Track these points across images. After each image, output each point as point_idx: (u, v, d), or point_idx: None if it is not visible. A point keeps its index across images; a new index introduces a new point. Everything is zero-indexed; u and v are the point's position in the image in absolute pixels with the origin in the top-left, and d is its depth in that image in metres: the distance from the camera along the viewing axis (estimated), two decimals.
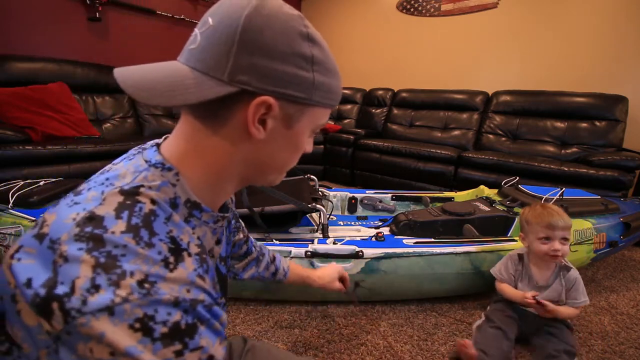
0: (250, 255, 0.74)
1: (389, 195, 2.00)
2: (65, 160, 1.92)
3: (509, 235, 1.54)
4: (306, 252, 1.20)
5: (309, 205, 1.36)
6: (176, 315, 0.29)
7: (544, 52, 2.84)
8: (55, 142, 1.90)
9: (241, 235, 0.71)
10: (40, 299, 0.28)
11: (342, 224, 1.81)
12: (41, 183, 1.54)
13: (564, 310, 1.09)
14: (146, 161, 0.39)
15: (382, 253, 1.22)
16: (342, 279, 0.93)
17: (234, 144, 0.38)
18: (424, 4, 3.43)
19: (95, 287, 0.28)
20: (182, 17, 3.17)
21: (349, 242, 1.26)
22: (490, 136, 2.83)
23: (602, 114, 2.44)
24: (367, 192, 2.01)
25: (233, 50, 0.34)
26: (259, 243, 0.78)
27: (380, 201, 1.98)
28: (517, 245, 1.31)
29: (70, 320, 0.27)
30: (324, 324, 1.21)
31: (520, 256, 1.18)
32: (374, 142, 2.92)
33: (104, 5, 2.64)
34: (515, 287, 1.16)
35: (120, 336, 0.27)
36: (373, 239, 1.33)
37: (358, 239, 1.33)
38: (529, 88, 2.83)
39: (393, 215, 1.73)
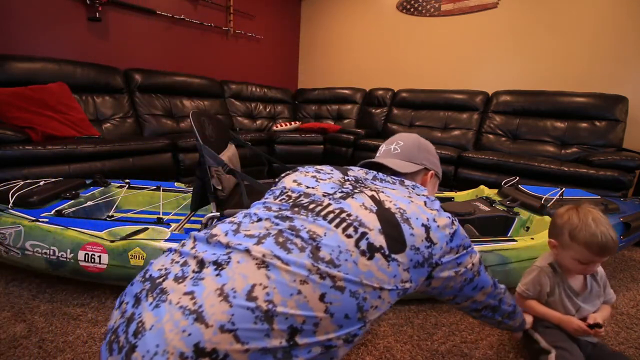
0: None
1: None
2: (65, 160, 1.92)
3: (509, 235, 1.54)
4: None
5: None
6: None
7: (544, 52, 2.84)
8: (55, 142, 1.90)
9: None
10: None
11: None
12: (41, 183, 1.54)
13: (607, 315, 0.98)
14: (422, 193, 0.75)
15: None
16: None
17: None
18: (424, 4, 3.43)
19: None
20: (182, 17, 3.17)
21: None
22: (490, 136, 2.83)
23: (602, 114, 2.44)
24: None
25: (418, 153, 0.87)
26: None
27: None
28: (518, 246, 1.30)
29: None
30: None
31: (553, 266, 1.01)
32: (374, 142, 2.92)
33: (104, 5, 2.64)
34: (546, 303, 1.01)
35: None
36: None
37: None
38: (529, 88, 2.84)
39: None
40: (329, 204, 0.61)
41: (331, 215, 0.59)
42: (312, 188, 0.67)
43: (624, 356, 0.98)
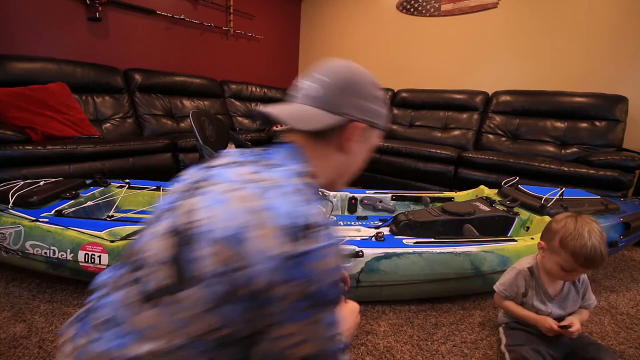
0: None
1: (389, 195, 2.00)
2: (65, 160, 1.92)
3: (509, 235, 1.54)
4: None
5: None
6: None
7: (544, 52, 2.84)
8: (55, 142, 1.90)
9: None
10: None
11: (342, 224, 1.81)
12: (41, 183, 1.54)
13: (584, 318, 1.01)
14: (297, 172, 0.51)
15: (382, 253, 1.22)
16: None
17: (334, 155, 0.57)
18: (424, 4, 3.43)
19: None
20: (182, 17, 3.16)
21: (349, 242, 1.26)
22: (490, 136, 2.82)
23: (602, 114, 2.44)
24: (367, 192, 2.02)
25: (343, 95, 0.55)
26: None
27: (380, 201, 1.98)
28: (518, 246, 1.30)
29: None
30: None
31: (531, 270, 1.03)
32: None
33: (104, 5, 2.64)
34: (521, 303, 1.04)
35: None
36: (373, 239, 1.33)
37: (358, 239, 1.33)
38: (529, 88, 2.83)
39: (393, 215, 1.73)
40: (131, 246, 0.46)
41: (124, 260, 0.46)
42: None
43: (603, 346, 1.00)
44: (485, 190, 1.90)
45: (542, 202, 1.53)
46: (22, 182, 1.50)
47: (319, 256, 0.40)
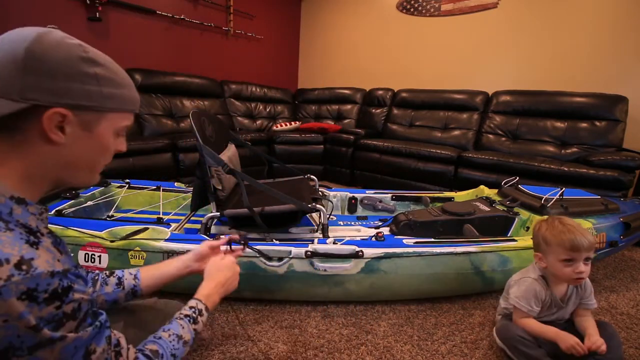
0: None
1: (389, 195, 2.00)
2: None
3: (509, 235, 1.54)
4: (306, 252, 1.20)
5: (309, 205, 1.36)
6: (54, 284, 0.41)
7: (544, 52, 2.84)
8: None
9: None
10: None
11: (342, 224, 1.81)
12: None
13: (594, 325, 1.02)
14: None
15: (382, 253, 1.22)
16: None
17: (34, 150, 0.47)
18: (424, 4, 3.43)
19: None
20: (182, 17, 3.17)
21: (349, 242, 1.26)
22: (490, 136, 2.83)
23: (602, 114, 2.44)
24: (367, 192, 2.02)
25: (20, 75, 0.43)
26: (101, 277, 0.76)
27: (380, 201, 1.98)
28: (518, 245, 1.31)
29: None
30: (324, 324, 1.21)
31: (544, 278, 1.03)
32: (374, 142, 2.92)
33: (104, 5, 2.64)
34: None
35: (11, 306, 0.37)
36: (373, 238, 1.33)
37: (358, 238, 1.33)
38: (529, 88, 2.84)
39: (393, 215, 1.73)
40: None
41: None
42: None
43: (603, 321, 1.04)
44: (485, 190, 1.90)
45: (542, 202, 1.53)
46: None
47: None
